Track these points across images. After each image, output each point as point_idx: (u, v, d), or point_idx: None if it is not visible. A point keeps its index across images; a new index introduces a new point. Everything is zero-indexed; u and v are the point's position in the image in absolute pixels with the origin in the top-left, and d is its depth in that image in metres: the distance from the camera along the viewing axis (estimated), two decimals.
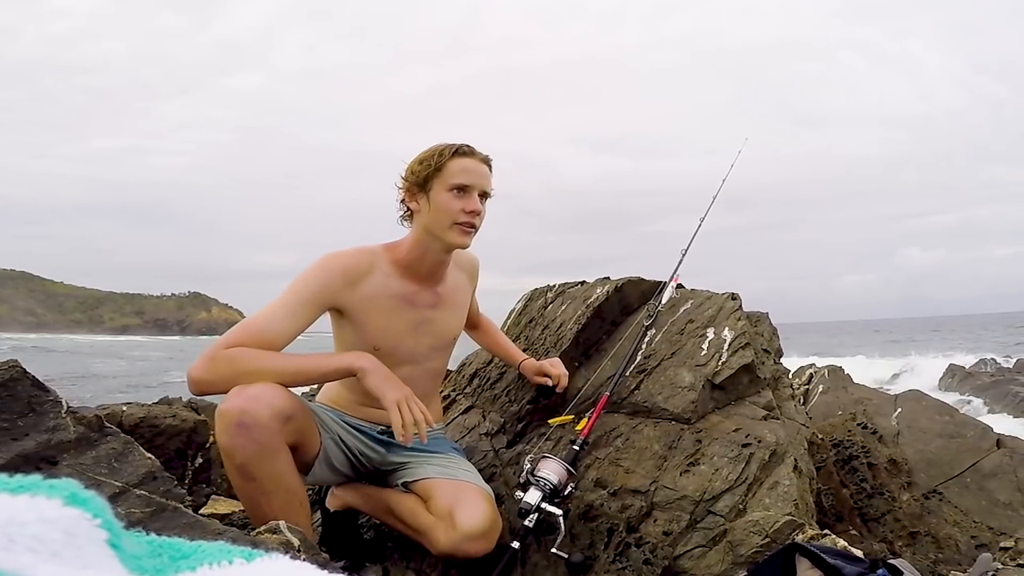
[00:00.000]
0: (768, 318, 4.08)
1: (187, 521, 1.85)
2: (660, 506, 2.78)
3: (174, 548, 0.90)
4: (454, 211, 2.84)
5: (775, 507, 2.66)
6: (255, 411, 2.38)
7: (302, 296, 2.71)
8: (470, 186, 2.86)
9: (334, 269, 2.79)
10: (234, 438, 2.37)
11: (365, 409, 3.00)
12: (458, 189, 2.85)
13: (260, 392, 2.42)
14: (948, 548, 4.30)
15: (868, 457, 4.70)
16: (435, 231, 2.88)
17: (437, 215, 2.86)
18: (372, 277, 2.87)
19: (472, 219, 2.87)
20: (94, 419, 2.19)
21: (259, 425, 2.38)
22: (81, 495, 0.78)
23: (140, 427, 3.91)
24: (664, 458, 2.94)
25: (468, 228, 2.89)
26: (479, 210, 2.89)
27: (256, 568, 0.87)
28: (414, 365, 3.01)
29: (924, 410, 6.30)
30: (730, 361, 3.25)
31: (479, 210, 2.89)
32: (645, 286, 4.01)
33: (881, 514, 4.39)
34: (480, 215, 2.91)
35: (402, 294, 2.94)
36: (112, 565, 0.78)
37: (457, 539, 2.64)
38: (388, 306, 2.91)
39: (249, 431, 2.37)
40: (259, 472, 2.42)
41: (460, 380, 4.46)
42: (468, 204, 2.85)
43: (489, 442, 3.57)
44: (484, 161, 2.95)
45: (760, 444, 2.85)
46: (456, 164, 2.86)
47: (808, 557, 2.11)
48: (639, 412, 3.21)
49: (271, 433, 2.41)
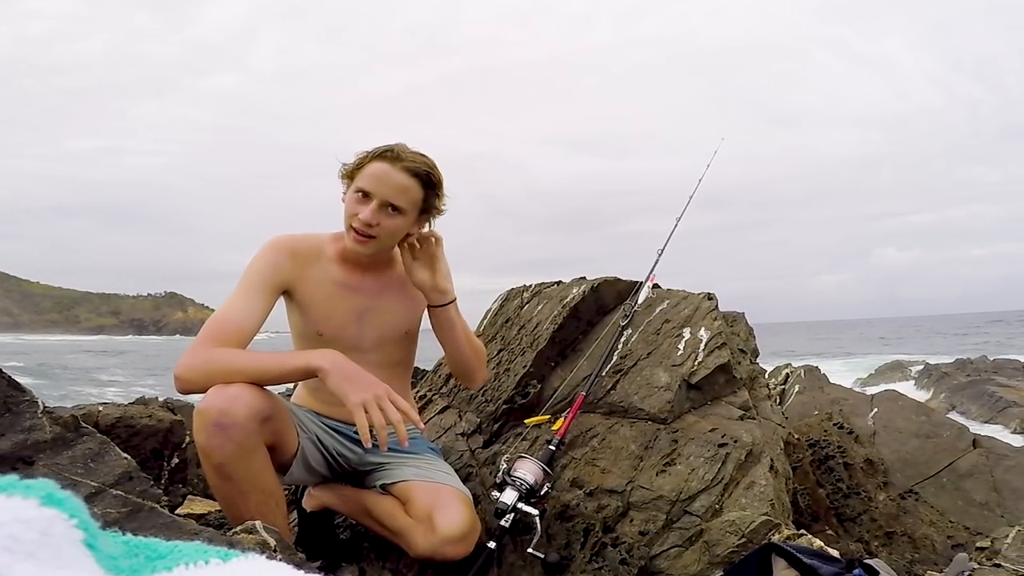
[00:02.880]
0: (744, 318, 4.09)
1: (163, 521, 1.85)
2: (636, 506, 2.79)
3: (150, 548, 0.90)
4: (349, 214, 2.77)
5: (751, 507, 2.67)
6: (233, 411, 2.34)
7: (255, 280, 2.72)
8: (371, 193, 2.72)
9: (282, 249, 2.81)
10: (211, 438, 2.34)
11: (340, 408, 2.85)
12: (362, 193, 2.74)
13: (238, 392, 2.38)
14: (924, 548, 4.32)
15: (844, 457, 4.72)
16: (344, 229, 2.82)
17: (344, 212, 2.81)
18: (318, 262, 2.87)
19: (363, 228, 2.73)
20: (70, 419, 2.19)
21: (236, 425, 2.34)
22: (57, 495, 0.78)
23: (116, 427, 3.89)
24: (640, 458, 2.94)
25: (361, 236, 2.75)
26: (371, 221, 2.71)
27: (232, 568, 0.87)
28: (361, 354, 2.80)
29: (900, 410, 6.33)
30: (706, 361, 3.26)
31: (371, 221, 2.71)
32: (621, 286, 4.02)
33: (857, 514, 4.41)
34: (376, 226, 2.73)
35: (343, 281, 2.89)
36: (88, 565, 0.78)
37: (436, 543, 2.62)
38: (329, 291, 2.87)
39: (227, 431, 2.33)
40: (236, 472, 2.39)
41: (436, 380, 4.47)
42: (363, 211, 2.72)
43: (465, 442, 3.58)
44: (410, 171, 2.77)
45: (736, 444, 2.86)
46: (370, 168, 2.76)
47: (784, 557, 2.12)
48: (615, 412, 3.22)
49: (248, 433, 2.38)
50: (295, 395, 3.18)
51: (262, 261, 2.76)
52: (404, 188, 2.75)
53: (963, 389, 16.58)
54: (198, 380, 2.47)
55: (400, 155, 2.77)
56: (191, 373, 2.48)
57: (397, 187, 2.74)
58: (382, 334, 3.01)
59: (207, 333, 2.58)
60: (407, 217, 2.80)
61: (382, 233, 2.76)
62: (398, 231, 2.82)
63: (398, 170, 2.75)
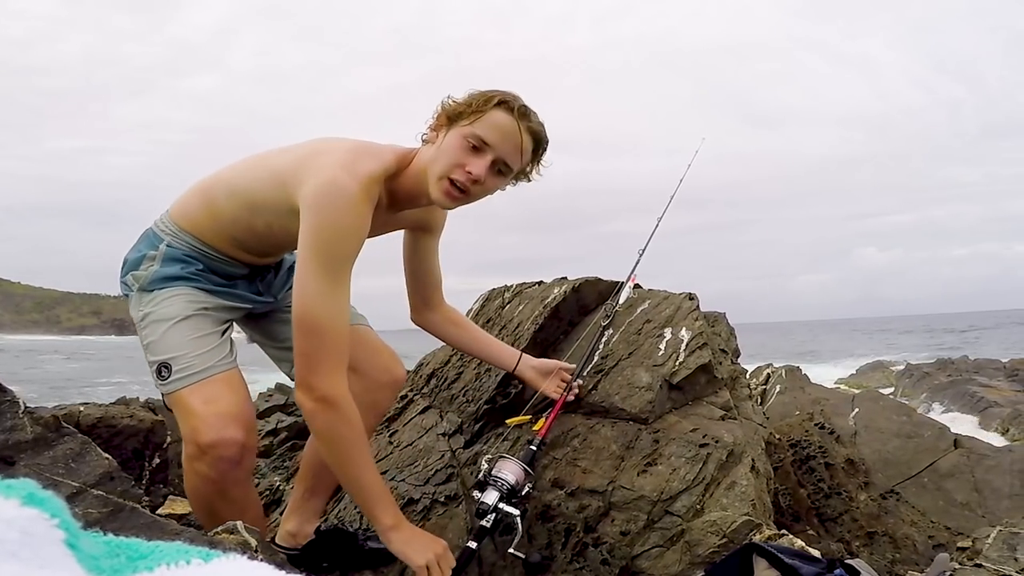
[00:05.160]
0: (725, 318, 4.11)
1: (144, 521, 1.84)
2: (617, 506, 2.79)
3: (132, 548, 0.90)
4: (452, 162, 2.43)
5: (732, 507, 2.67)
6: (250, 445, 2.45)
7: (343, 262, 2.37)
8: (489, 146, 2.43)
9: (363, 215, 2.38)
10: (228, 473, 2.40)
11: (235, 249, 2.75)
12: (474, 143, 2.42)
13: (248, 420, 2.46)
14: (905, 548, 4.34)
15: (825, 457, 4.74)
16: (429, 173, 2.47)
17: (438, 157, 2.45)
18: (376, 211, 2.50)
19: (467, 181, 2.42)
20: (51, 419, 2.18)
21: (248, 457, 2.45)
22: (39, 495, 0.78)
23: (97, 427, 3.89)
24: (621, 458, 2.95)
25: (456, 191, 2.45)
26: (480, 177, 2.42)
27: (213, 568, 0.87)
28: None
29: (881, 410, 6.38)
30: (687, 361, 3.26)
31: (480, 177, 2.42)
32: (602, 286, 4.03)
33: (838, 514, 4.43)
34: (480, 183, 2.44)
35: (383, 221, 2.63)
36: (69, 565, 0.78)
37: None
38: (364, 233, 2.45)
39: (241, 465, 2.42)
40: (238, 495, 2.48)
41: (417, 380, 4.46)
42: (471, 163, 2.42)
43: (447, 442, 3.57)
44: (533, 134, 2.52)
45: (718, 444, 2.87)
46: (495, 117, 2.44)
47: (765, 557, 2.13)
48: (596, 412, 3.22)
49: (253, 459, 2.50)
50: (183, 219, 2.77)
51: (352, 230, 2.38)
52: (524, 150, 2.52)
53: (944, 389, 16.66)
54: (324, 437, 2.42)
55: (527, 112, 2.51)
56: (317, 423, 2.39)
57: (518, 147, 2.50)
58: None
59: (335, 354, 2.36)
60: (507, 180, 2.61)
61: (480, 192, 2.54)
62: (492, 192, 2.61)
63: (524, 129, 2.50)
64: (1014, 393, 15.24)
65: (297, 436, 6.82)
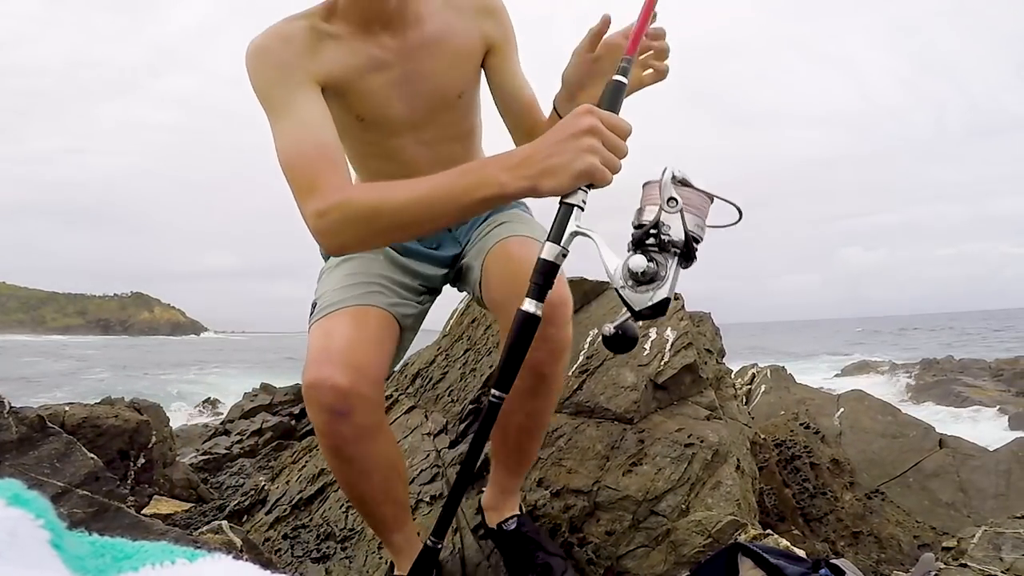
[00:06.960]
0: (710, 318, 4.12)
1: (130, 521, 1.85)
2: (603, 506, 2.79)
3: (116, 548, 0.90)
4: None
5: (718, 507, 2.68)
6: (355, 394, 1.96)
7: (280, 93, 1.98)
8: None
9: (270, 50, 2.02)
10: (330, 424, 2.00)
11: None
12: None
13: (359, 362, 2.00)
14: (890, 548, 4.36)
15: (811, 457, 4.76)
16: None
17: None
18: (320, 42, 2.07)
19: None
20: (36, 419, 2.18)
21: (360, 410, 1.99)
22: (23, 495, 0.78)
23: (82, 427, 3.88)
24: (607, 458, 2.95)
25: None
26: None
27: (198, 568, 0.87)
28: (415, 133, 2.32)
29: (866, 410, 6.39)
30: (672, 361, 3.27)
31: None
32: (587, 286, 4.03)
33: (823, 514, 4.45)
34: None
35: (362, 51, 2.14)
36: (55, 565, 0.78)
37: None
38: (351, 69, 2.13)
39: (348, 418, 1.98)
40: (357, 453, 2.09)
41: (402, 380, 4.46)
42: None
43: (432, 442, 3.57)
44: None
45: (703, 444, 2.87)
46: None
47: (750, 557, 2.14)
48: (581, 412, 3.22)
49: (372, 411, 2.05)
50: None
51: (264, 74, 2.00)
52: None
53: (929, 389, 16.73)
54: (352, 244, 1.85)
55: None
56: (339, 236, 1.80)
57: None
58: (431, 103, 2.31)
59: (309, 172, 1.85)
60: None
61: None
62: None
63: None
64: (999, 393, 15.32)
65: (282, 436, 6.82)
